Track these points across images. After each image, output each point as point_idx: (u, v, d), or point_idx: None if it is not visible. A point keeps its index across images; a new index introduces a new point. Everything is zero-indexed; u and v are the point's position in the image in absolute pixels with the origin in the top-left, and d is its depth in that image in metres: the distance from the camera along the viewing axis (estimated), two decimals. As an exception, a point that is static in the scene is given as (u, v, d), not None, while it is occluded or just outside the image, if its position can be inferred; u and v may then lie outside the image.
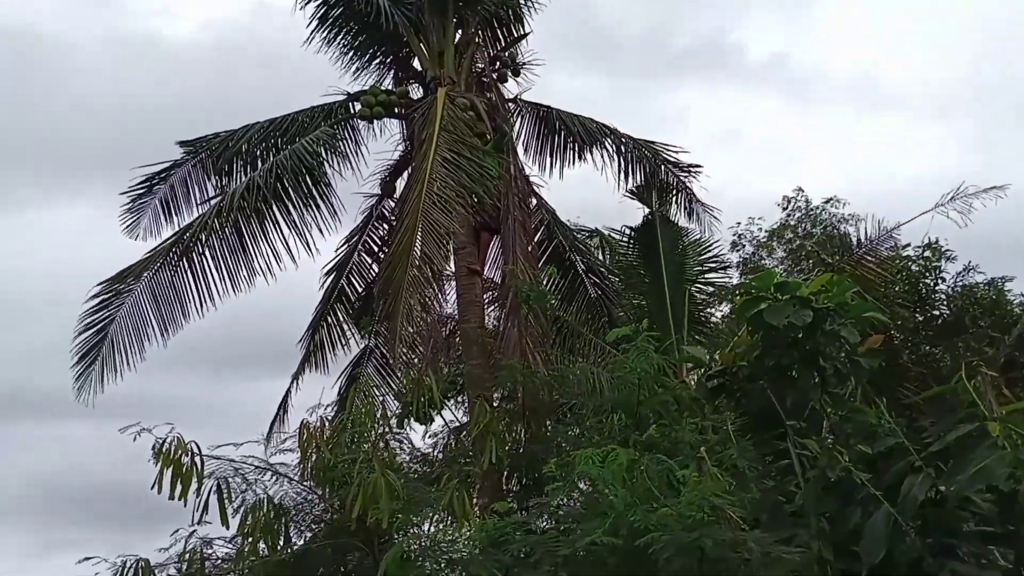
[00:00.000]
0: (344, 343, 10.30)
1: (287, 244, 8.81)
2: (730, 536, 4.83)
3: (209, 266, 8.62)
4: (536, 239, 10.21)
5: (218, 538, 6.50)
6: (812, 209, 14.17)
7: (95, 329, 8.42)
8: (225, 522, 6.32)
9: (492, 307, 9.90)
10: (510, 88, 10.59)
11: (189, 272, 8.57)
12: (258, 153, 9.52)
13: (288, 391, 10.16)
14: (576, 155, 10.58)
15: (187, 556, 6.28)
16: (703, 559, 4.86)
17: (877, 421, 5.76)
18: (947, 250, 12.04)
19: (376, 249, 10.44)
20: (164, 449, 6.11)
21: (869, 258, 9.55)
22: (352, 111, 10.00)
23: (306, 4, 9.96)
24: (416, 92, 10.21)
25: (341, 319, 10.32)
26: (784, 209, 14.36)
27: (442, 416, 8.44)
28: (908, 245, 11.28)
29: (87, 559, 5.96)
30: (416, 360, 8.81)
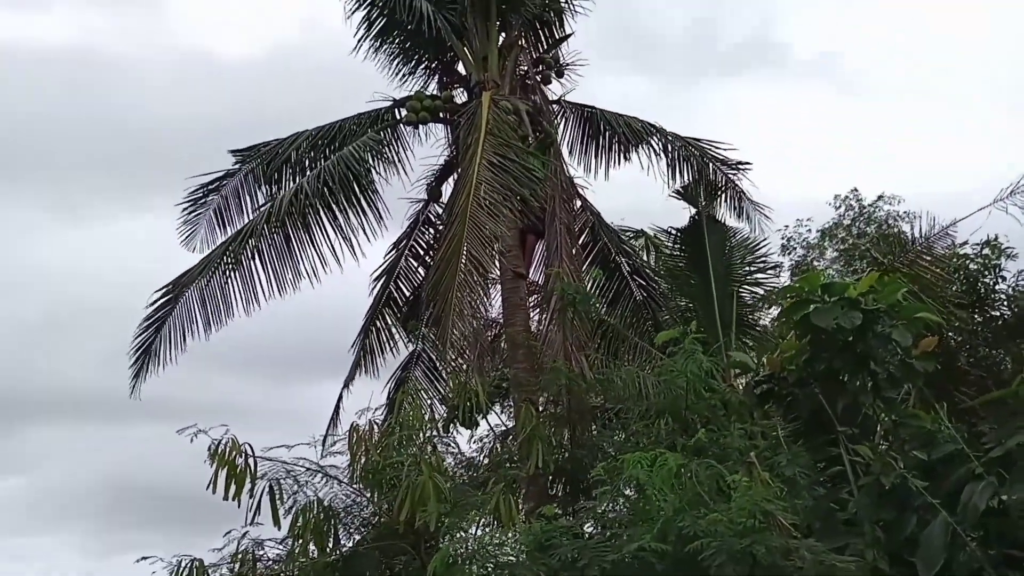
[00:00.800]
0: (393, 347, 10.45)
1: (333, 249, 8.98)
2: (782, 543, 4.75)
3: (257, 269, 8.84)
4: (581, 241, 10.19)
5: (269, 539, 6.65)
6: (865, 208, 13.81)
7: (151, 330, 8.76)
8: (277, 523, 6.46)
9: (537, 311, 9.91)
10: (554, 90, 10.61)
11: (237, 275, 8.81)
12: (306, 161, 9.71)
13: (340, 395, 10.35)
14: (622, 155, 10.52)
15: (239, 557, 6.43)
16: (755, 566, 4.79)
17: (935, 426, 5.60)
18: (1007, 247, 11.58)
19: (423, 253, 10.55)
20: (219, 450, 6.26)
21: (924, 257, 9.26)
22: (398, 117, 10.12)
23: (352, 13, 10.14)
24: (461, 96, 10.28)
25: (390, 323, 10.47)
26: (836, 208, 14.03)
27: (487, 420, 8.48)
28: (965, 243, 10.89)
29: (144, 559, 6.14)
30: (462, 364, 8.87)
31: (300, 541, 6.41)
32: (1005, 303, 11.64)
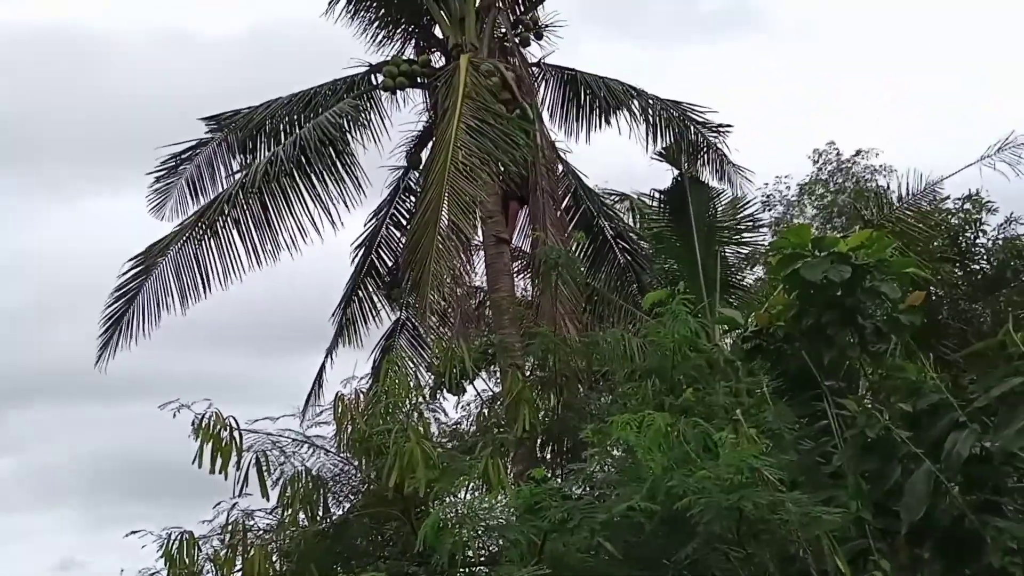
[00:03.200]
0: (376, 316, 10.38)
1: (312, 218, 8.84)
2: (769, 498, 4.77)
3: (234, 240, 8.67)
4: (563, 205, 10.12)
5: (259, 510, 6.63)
6: (843, 162, 13.83)
7: (122, 301, 8.59)
8: (265, 494, 6.44)
9: (521, 276, 9.86)
10: (533, 52, 10.45)
11: (213, 245, 8.63)
12: (282, 128, 9.52)
13: (323, 365, 10.29)
14: (602, 119, 10.42)
15: (230, 528, 6.41)
16: (742, 521, 4.82)
17: (919, 378, 5.63)
18: (988, 201, 11.65)
19: (404, 222, 10.44)
20: (203, 424, 6.20)
21: (909, 212, 9.29)
22: (375, 83, 9.93)
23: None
24: (438, 60, 10.10)
25: (372, 292, 10.39)
26: (815, 163, 14.04)
27: (474, 386, 8.47)
28: (947, 198, 10.95)
29: (133, 533, 6.11)
30: (447, 331, 8.83)
31: (290, 511, 6.40)
32: (985, 257, 11.75)
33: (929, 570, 5.53)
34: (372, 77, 9.97)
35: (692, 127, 10.13)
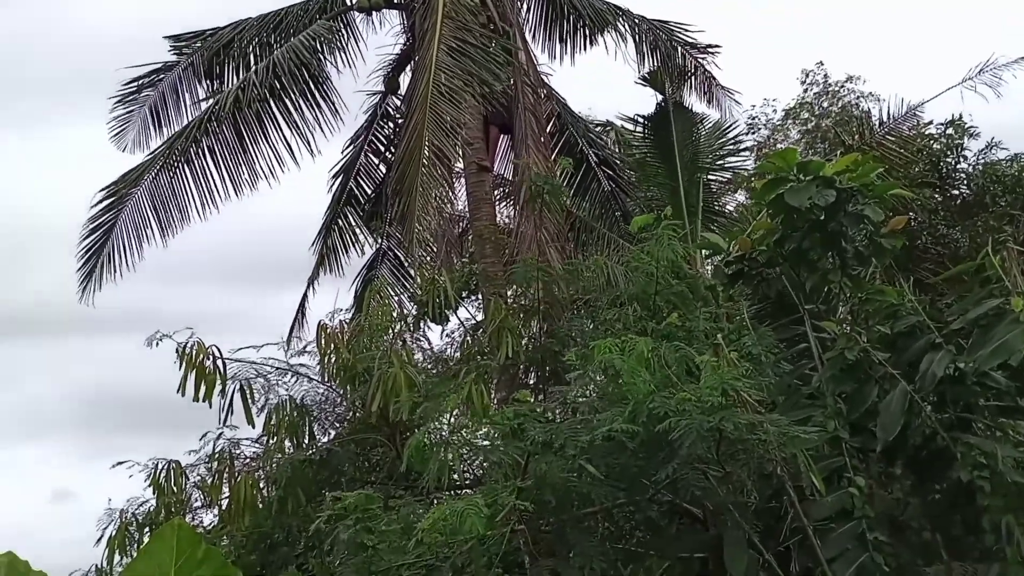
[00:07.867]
0: (357, 246, 10.27)
1: (289, 145, 8.63)
2: (748, 419, 4.86)
3: (209, 168, 8.46)
4: (548, 131, 9.94)
5: (245, 439, 6.68)
6: (831, 85, 13.65)
7: (100, 232, 8.40)
8: (250, 421, 6.47)
9: (503, 203, 9.75)
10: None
11: (188, 174, 8.42)
12: (251, 51, 9.18)
13: (304, 295, 10.23)
14: (587, 40, 10.13)
15: (216, 456, 6.46)
16: (722, 441, 4.92)
17: (898, 301, 5.69)
18: (971, 127, 11.60)
19: (383, 149, 10.22)
20: (186, 353, 6.18)
21: (891, 137, 9.25)
22: (348, 3, 9.56)
23: None
24: (415, -21, 9.69)
25: (352, 222, 10.25)
26: (803, 83, 13.84)
27: (457, 315, 8.47)
28: (930, 123, 10.89)
29: (120, 463, 6.15)
30: (429, 260, 8.76)
31: (275, 438, 6.45)
32: (965, 182, 11.78)
33: (901, 485, 5.73)
34: (346, -3, 9.59)
35: (680, 49, 9.91)
